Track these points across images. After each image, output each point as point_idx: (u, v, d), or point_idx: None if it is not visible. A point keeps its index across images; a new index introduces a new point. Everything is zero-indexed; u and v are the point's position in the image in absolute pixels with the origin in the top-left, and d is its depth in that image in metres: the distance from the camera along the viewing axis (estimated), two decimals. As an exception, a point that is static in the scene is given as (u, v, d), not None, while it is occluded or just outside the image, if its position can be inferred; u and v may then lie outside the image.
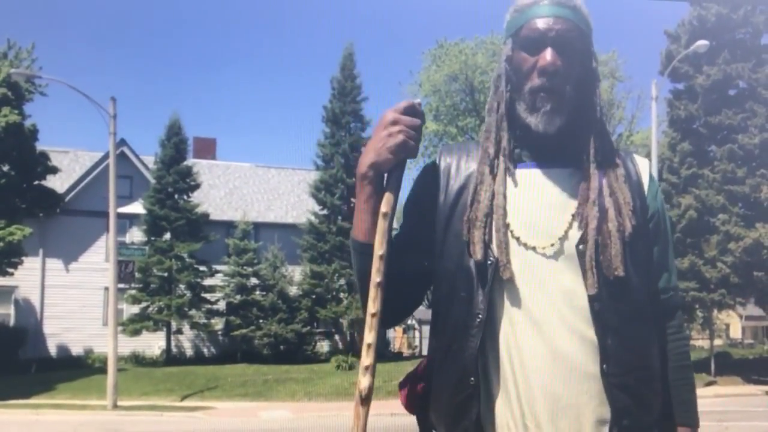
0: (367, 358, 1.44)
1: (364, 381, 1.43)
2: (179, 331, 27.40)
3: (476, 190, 1.54)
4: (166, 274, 26.60)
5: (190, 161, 28.94)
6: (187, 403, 18.58)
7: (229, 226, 29.40)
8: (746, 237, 22.05)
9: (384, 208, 1.49)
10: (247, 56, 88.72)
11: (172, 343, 27.60)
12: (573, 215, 1.50)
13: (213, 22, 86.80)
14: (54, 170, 25.06)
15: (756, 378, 22.68)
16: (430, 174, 1.63)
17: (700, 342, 38.18)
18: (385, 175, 1.52)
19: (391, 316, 1.51)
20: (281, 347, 27.47)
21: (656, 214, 1.60)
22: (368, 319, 1.45)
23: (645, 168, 1.62)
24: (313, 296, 27.50)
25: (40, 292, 27.89)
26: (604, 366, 1.44)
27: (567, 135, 1.53)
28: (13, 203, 23.25)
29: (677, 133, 24.70)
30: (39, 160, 24.35)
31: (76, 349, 27.34)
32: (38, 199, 24.69)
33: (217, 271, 27.32)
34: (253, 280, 27.97)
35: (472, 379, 1.47)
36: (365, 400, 1.43)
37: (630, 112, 32.16)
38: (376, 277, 1.46)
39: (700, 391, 18.84)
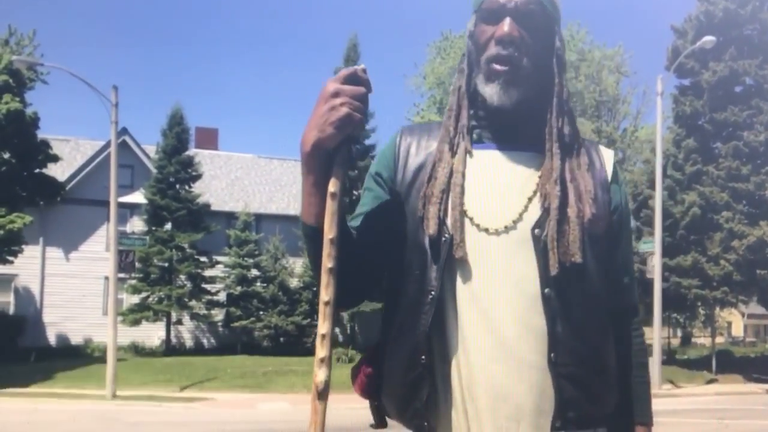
0: (321, 350, 1.37)
1: (320, 374, 1.37)
2: (179, 322, 27.37)
3: (434, 166, 1.51)
4: (166, 265, 26.57)
5: (192, 151, 28.86)
6: (186, 393, 18.53)
7: (230, 216, 29.33)
8: (750, 235, 22.00)
9: (332, 188, 1.40)
10: (251, 47, 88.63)
11: (172, 334, 27.57)
12: (530, 198, 1.47)
13: (217, 12, 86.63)
14: (55, 158, 24.97)
15: (757, 376, 22.66)
16: (389, 154, 1.60)
17: (701, 340, 38.21)
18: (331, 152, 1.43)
19: (348, 295, 1.47)
20: (281, 339, 27.45)
21: (619, 208, 1.58)
22: (321, 308, 1.37)
23: (610, 160, 1.60)
24: (314, 288, 27.31)
25: (40, 280, 27.85)
26: (552, 354, 1.41)
27: (527, 113, 1.51)
28: (14, 191, 23.17)
29: (682, 130, 24.63)
30: (40, 148, 24.25)
31: (76, 339, 27.33)
32: (39, 188, 24.60)
33: (218, 262, 27.28)
34: (254, 272, 27.93)
35: (423, 357, 1.44)
36: (322, 394, 1.37)
37: (635, 107, 32.13)
38: (327, 263, 1.38)
39: (702, 389, 18.77)
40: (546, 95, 1.52)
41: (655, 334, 20.13)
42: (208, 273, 27.25)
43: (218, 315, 28.12)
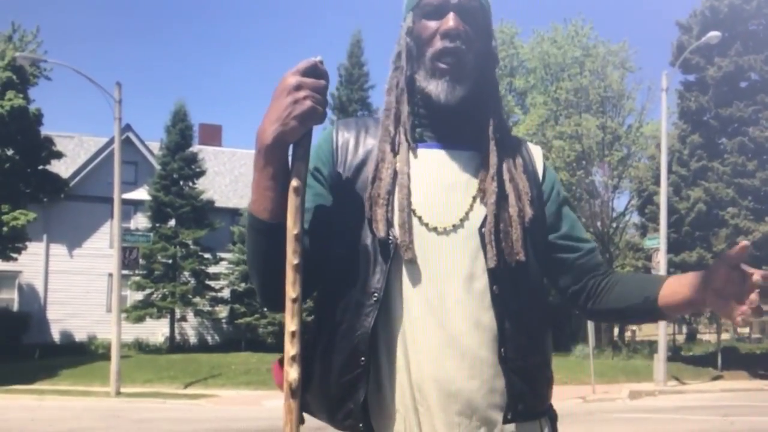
0: (292, 348, 1.36)
1: (292, 373, 1.36)
2: (183, 319, 27.37)
3: (378, 167, 1.50)
4: (170, 261, 26.57)
5: (196, 148, 28.82)
6: (190, 390, 18.54)
7: (234, 213, 29.30)
8: (756, 231, 21.94)
9: (295, 182, 1.39)
10: (254, 43, 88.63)
11: (176, 331, 27.59)
12: (474, 197, 1.49)
13: (220, 8, 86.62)
14: (58, 155, 24.94)
15: (762, 373, 22.59)
16: (326, 149, 1.56)
17: (707, 336, 38.11)
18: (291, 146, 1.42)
19: (278, 297, 1.41)
20: (285, 336, 27.40)
21: (561, 201, 1.62)
22: (288, 305, 1.37)
23: (539, 157, 1.63)
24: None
25: (44, 277, 27.88)
26: (502, 350, 1.44)
27: (468, 111, 1.52)
28: (18, 188, 23.15)
29: (687, 125, 24.56)
30: (43, 144, 24.22)
31: (80, 335, 27.35)
32: (43, 184, 24.58)
33: (222, 259, 27.26)
34: (258, 268, 27.87)
35: (363, 359, 1.43)
36: (295, 393, 1.37)
37: (640, 103, 31.83)
38: (293, 259, 1.37)
39: (707, 386, 18.62)
40: (483, 93, 1.54)
41: (661, 331, 20.08)
42: (212, 270, 27.24)
43: (222, 312, 28.11)
